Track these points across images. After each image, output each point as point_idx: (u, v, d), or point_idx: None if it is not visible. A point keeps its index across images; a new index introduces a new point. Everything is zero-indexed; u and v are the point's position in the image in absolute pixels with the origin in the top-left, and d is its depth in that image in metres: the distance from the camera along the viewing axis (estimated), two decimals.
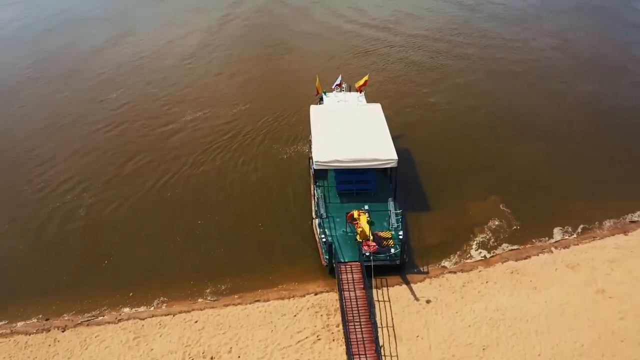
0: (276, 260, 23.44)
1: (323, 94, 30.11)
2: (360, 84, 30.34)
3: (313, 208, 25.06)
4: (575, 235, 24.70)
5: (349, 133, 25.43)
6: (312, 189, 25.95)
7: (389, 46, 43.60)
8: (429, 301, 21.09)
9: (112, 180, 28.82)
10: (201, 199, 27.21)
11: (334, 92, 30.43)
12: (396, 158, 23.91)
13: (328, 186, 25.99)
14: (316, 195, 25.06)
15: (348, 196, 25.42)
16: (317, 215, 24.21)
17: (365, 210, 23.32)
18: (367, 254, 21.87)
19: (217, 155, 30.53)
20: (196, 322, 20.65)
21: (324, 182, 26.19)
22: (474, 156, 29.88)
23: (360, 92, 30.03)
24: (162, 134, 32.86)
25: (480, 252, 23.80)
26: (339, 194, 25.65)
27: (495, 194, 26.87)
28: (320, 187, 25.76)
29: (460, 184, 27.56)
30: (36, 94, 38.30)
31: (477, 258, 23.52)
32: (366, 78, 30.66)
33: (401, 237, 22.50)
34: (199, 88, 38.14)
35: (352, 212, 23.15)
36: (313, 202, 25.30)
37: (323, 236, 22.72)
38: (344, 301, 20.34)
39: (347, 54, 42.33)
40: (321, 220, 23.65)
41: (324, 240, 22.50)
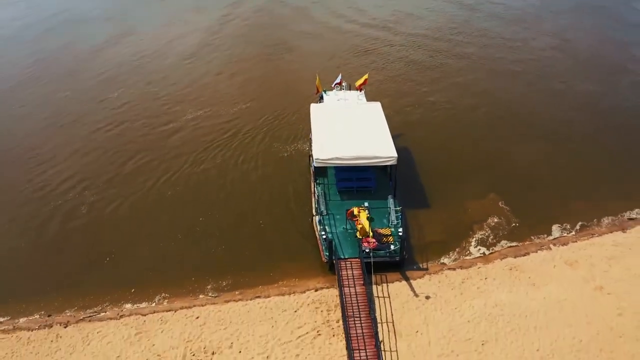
0: (277, 257, 23.58)
1: (323, 92, 30.19)
2: (360, 82, 30.43)
3: (313, 205, 25.19)
4: (573, 232, 24.81)
5: (349, 131, 25.52)
6: (312, 186, 26.08)
7: (388, 45, 43.65)
8: (428, 297, 21.23)
9: (113, 179, 28.92)
10: (202, 197, 27.32)
11: (334, 90, 30.49)
12: (396, 155, 24.01)
13: (328, 184, 26.09)
14: (316, 193, 25.17)
15: (348, 193, 25.54)
16: (317, 212, 24.32)
17: (365, 207, 23.40)
18: (367, 250, 21.97)
19: (218, 154, 30.64)
20: (197, 317, 20.81)
21: (324, 179, 26.29)
22: (473, 155, 29.95)
23: (360, 91, 30.11)
24: (163, 133, 32.95)
25: (480, 249, 23.93)
26: (339, 192, 25.77)
27: (495, 192, 26.99)
28: (321, 185, 25.87)
29: (459, 183, 27.64)
30: (37, 93, 38.40)
31: (476, 255, 23.65)
32: (366, 77, 30.74)
33: (401, 234, 22.58)
34: (200, 87, 38.21)
35: (352, 209, 23.21)
36: (313, 199, 25.43)
37: (323, 233, 22.83)
38: (344, 297, 20.46)
39: (347, 53, 42.38)
40: (321, 217, 23.74)
41: (324, 237, 22.62)
